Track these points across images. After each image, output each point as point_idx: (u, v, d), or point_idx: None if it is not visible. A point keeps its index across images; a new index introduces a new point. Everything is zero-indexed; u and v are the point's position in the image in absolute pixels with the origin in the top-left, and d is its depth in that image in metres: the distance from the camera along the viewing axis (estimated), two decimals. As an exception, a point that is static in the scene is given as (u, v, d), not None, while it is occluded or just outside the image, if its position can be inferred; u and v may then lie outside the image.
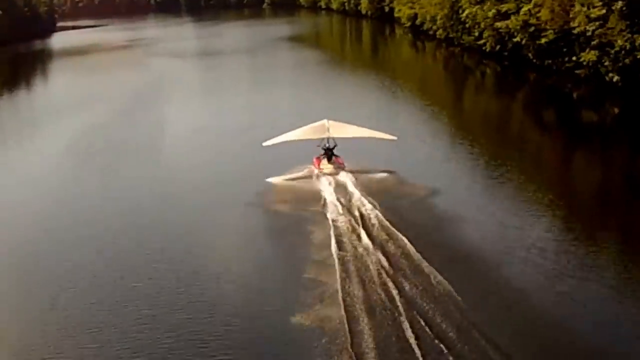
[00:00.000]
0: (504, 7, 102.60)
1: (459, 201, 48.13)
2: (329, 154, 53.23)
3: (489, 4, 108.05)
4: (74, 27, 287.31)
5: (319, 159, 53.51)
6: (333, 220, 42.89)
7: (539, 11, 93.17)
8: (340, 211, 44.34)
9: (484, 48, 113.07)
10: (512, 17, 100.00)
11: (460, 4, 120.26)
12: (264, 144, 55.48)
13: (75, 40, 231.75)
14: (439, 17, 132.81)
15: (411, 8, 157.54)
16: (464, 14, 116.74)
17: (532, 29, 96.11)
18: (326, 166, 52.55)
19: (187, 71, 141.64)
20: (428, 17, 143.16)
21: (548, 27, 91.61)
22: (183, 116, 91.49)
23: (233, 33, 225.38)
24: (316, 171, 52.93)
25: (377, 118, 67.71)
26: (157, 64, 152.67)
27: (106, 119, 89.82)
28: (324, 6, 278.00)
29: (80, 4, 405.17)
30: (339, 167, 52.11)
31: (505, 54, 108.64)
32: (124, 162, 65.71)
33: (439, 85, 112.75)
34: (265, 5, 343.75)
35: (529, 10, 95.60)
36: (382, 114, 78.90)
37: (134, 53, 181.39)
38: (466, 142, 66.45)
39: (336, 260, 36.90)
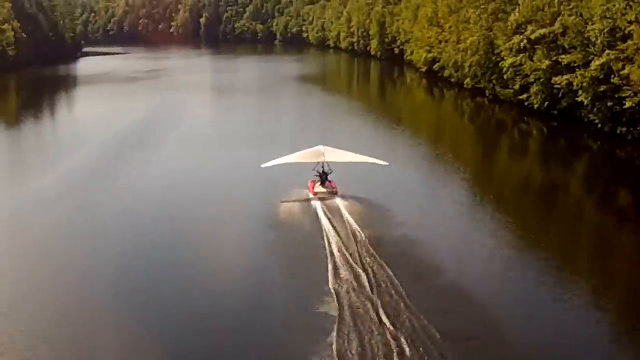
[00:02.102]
0: (566, 58, 71.71)
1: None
2: (323, 178, 49.30)
3: (540, 52, 77.27)
4: (103, 53, 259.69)
5: (313, 182, 49.44)
6: (329, 243, 38.18)
7: (622, 67, 62.37)
8: (333, 234, 39.60)
9: (527, 103, 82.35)
10: (578, 72, 69.07)
11: (498, 51, 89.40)
12: (262, 165, 50.54)
13: (96, 67, 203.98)
14: (467, 64, 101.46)
15: (429, 52, 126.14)
16: (505, 64, 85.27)
17: (604, 87, 65.58)
18: (320, 190, 48.56)
19: (196, 111, 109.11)
20: (450, 63, 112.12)
21: (634, 87, 60.98)
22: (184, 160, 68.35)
23: (246, 69, 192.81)
24: (310, 195, 48.48)
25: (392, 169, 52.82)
26: (166, 99, 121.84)
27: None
28: (332, 45, 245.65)
29: (111, 32, 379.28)
30: (332, 191, 48.21)
31: (555, 112, 77.92)
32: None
33: (466, 139, 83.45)
34: (276, 42, 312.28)
35: (607, 64, 64.78)
36: (397, 164, 57.55)
37: (148, 84, 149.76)
38: (497, 205, 49.71)
39: (332, 292, 31.77)
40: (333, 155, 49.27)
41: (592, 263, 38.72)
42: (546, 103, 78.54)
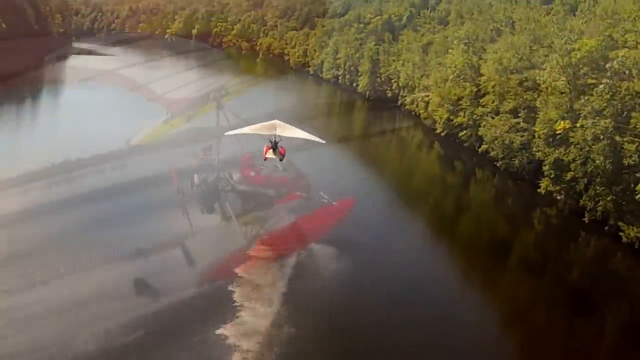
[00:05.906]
0: None
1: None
2: (274, 146, 40.66)
3: None
4: (96, 52, 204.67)
5: (268, 148, 40.86)
6: None
7: None
8: None
9: None
10: None
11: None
12: (226, 133, 43.41)
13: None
14: (548, 159, 51.56)
15: (453, 112, 76.03)
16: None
17: None
18: (271, 155, 40.74)
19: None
20: (499, 142, 62.67)
21: None
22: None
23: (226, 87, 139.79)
24: (264, 158, 41.07)
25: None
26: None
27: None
28: (312, 72, 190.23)
29: (113, 32, 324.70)
30: (280, 157, 40.02)
31: None
32: None
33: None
34: (258, 60, 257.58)
35: None
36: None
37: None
38: None
39: None
40: (284, 130, 40.10)
41: None
42: None
